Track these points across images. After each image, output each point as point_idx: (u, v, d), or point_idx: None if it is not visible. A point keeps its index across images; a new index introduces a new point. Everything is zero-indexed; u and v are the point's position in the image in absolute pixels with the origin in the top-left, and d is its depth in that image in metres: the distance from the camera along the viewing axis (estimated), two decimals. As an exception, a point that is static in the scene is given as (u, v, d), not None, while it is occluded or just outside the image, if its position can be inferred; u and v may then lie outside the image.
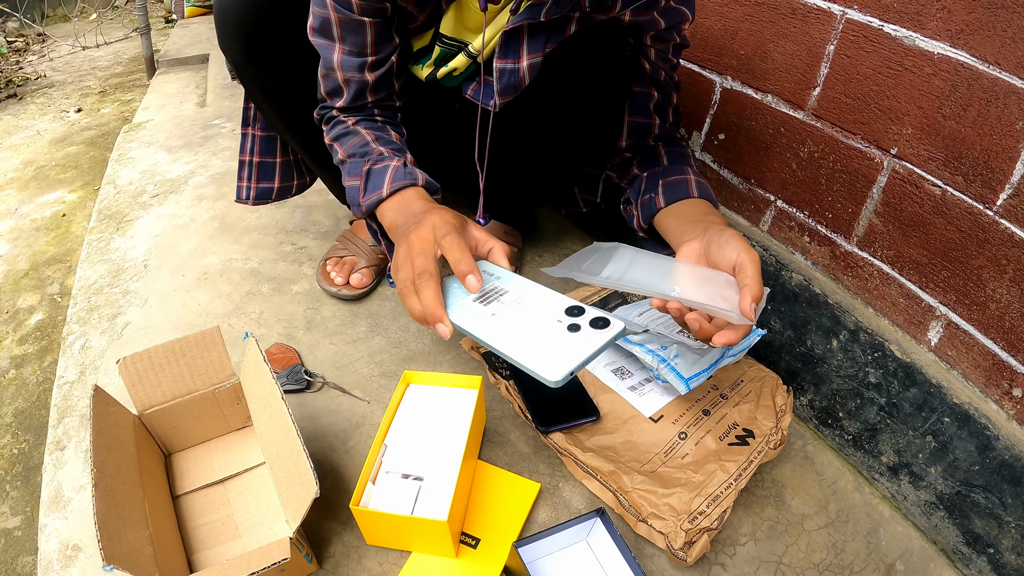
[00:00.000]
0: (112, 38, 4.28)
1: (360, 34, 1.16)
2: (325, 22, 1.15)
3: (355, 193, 1.18)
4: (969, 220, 1.12)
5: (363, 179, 1.17)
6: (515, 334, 0.88)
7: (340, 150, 1.23)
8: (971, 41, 1.06)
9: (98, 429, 0.99)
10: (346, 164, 1.22)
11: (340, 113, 1.26)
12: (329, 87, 1.23)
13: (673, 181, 1.24)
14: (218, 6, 1.29)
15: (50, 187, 2.73)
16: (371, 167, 1.17)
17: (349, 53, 1.18)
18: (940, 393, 1.18)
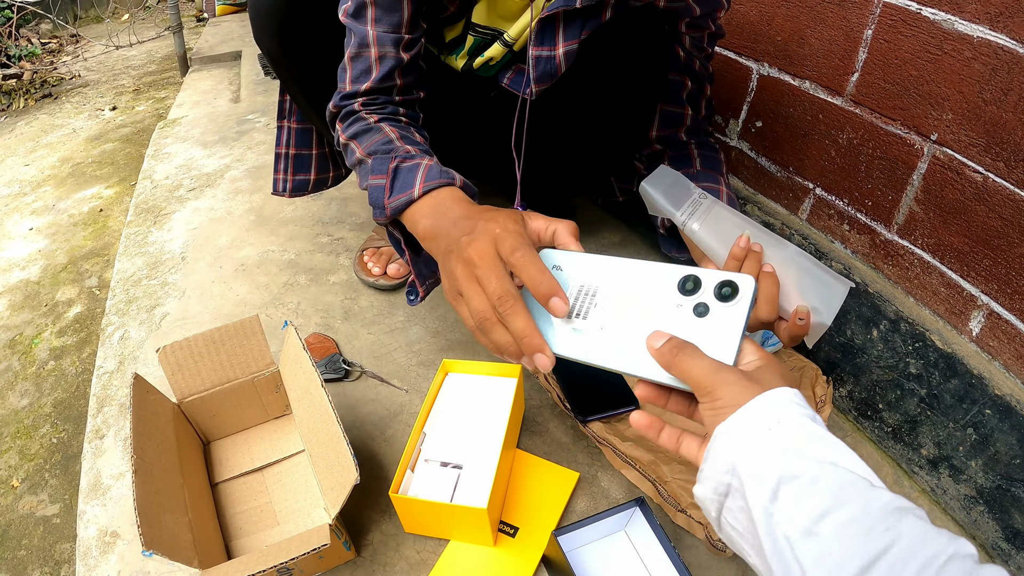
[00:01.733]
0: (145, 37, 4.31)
1: (396, 12, 1.14)
2: (361, 4, 1.14)
3: (379, 194, 1.05)
4: (1011, 207, 1.09)
5: (389, 177, 1.05)
6: (637, 347, 0.72)
7: (358, 148, 1.14)
8: (1011, 24, 1.03)
9: (138, 416, 0.99)
10: (365, 164, 1.11)
11: (362, 107, 1.19)
12: (358, 69, 1.18)
13: (705, 188, 1.21)
14: (252, 1, 1.30)
15: (87, 183, 2.76)
16: (399, 164, 1.06)
17: (385, 31, 1.15)
18: (982, 384, 1.15)
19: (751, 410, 0.59)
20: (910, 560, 0.47)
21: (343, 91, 1.20)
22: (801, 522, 0.52)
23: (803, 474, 0.55)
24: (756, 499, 0.56)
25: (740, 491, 0.57)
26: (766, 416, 0.58)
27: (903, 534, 0.49)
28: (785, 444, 0.57)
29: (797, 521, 0.52)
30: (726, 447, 0.59)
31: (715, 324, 0.69)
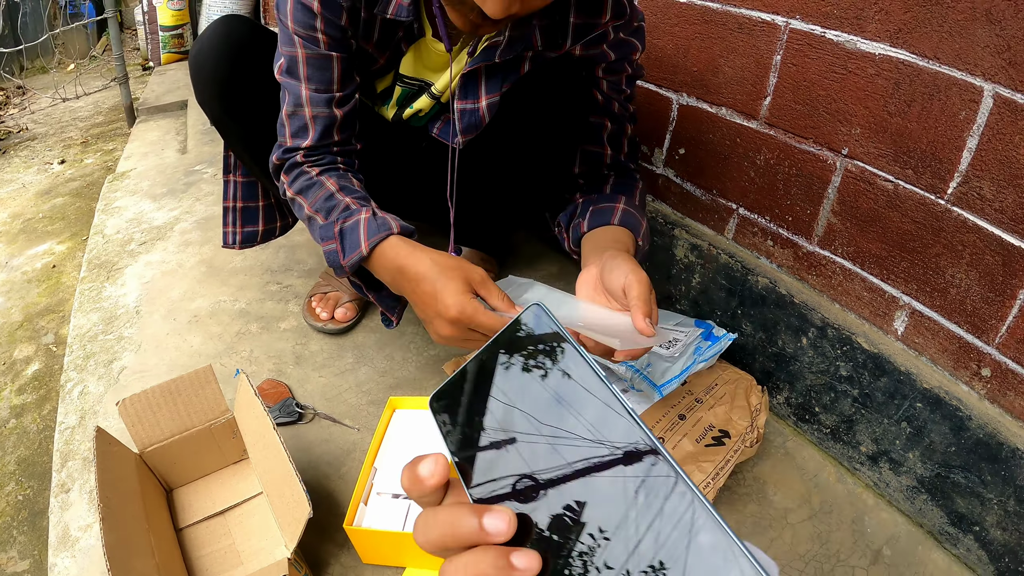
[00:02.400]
0: (91, 88, 4.32)
1: (327, 70, 1.22)
2: (293, 61, 1.22)
3: (335, 256, 1.19)
4: (923, 211, 1.19)
5: (338, 241, 1.18)
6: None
7: (305, 205, 1.25)
8: (910, 39, 1.13)
9: (102, 467, 1.04)
10: (314, 221, 1.23)
11: (304, 159, 1.28)
12: (296, 126, 1.26)
13: (601, 208, 1.29)
14: (193, 62, 1.36)
15: (39, 239, 2.78)
16: (342, 227, 1.18)
17: (316, 90, 1.23)
18: (910, 380, 1.24)
19: None
20: None
21: (284, 145, 1.28)
22: None
23: None
24: None
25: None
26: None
27: None
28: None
29: None
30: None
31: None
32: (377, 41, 1.27)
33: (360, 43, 1.26)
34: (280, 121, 1.28)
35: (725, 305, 1.56)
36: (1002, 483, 1.14)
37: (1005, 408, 1.16)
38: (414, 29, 1.25)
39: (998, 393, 1.17)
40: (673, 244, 1.65)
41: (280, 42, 1.23)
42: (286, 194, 1.30)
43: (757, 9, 1.34)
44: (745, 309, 1.51)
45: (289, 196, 1.29)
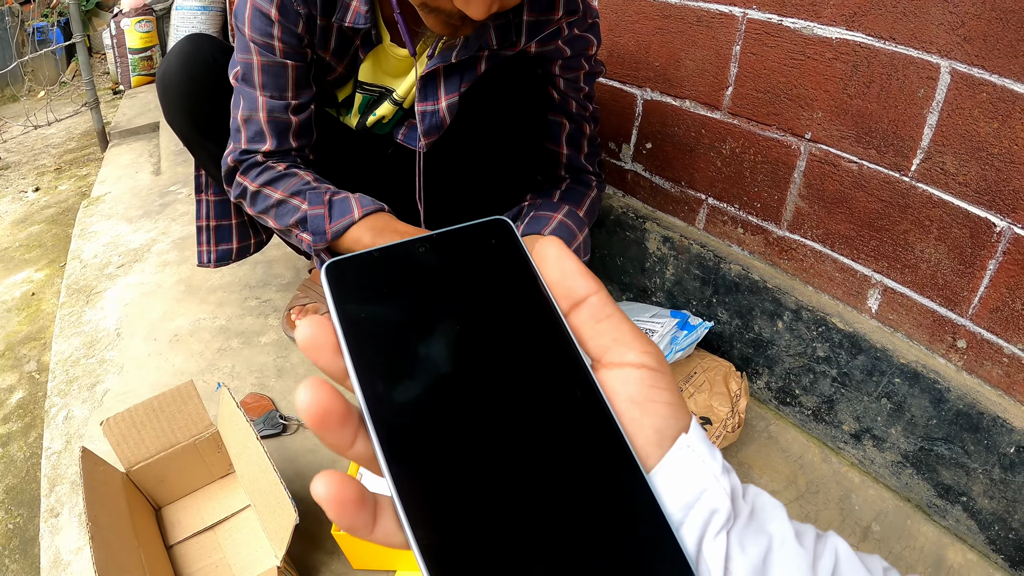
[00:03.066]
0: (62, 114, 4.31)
1: (282, 77, 1.23)
2: (248, 68, 1.23)
3: (319, 221, 1.20)
4: (888, 189, 1.21)
5: (327, 207, 1.20)
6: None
7: (276, 191, 1.25)
8: (865, 21, 1.15)
9: (89, 487, 1.04)
10: (287, 203, 1.24)
11: (265, 159, 1.28)
12: (252, 132, 1.27)
13: (539, 216, 1.31)
14: (161, 82, 1.36)
15: (16, 268, 2.77)
16: (332, 196, 1.21)
17: (272, 96, 1.24)
18: (887, 356, 1.26)
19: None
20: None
21: (240, 147, 1.28)
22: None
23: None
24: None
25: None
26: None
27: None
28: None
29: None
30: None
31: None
32: (334, 49, 1.28)
33: (317, 51, 1.27)
34: (235, 126, 1.28)
35: (700, 294, 1.57)
36: (985, 452, 1.16)
37: (983, 378, 1.18)
38: (372, 36, 1.26)
39: (975, 364, 1.19)
40: (645, 237, 1.66)
41: (236, 49, 1.24)
42: (246, 191, 1.28)
43: (714, 2, 1.35)
44: (720, 297, 1.52)
45: (252, 189, 1.27)
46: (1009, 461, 1.14)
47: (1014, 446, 1.13)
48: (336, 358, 0.35)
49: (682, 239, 1.58)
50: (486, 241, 0.39)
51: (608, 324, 0.38)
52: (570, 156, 1.40)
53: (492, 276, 0.38)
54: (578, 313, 0.38)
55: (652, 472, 0.35)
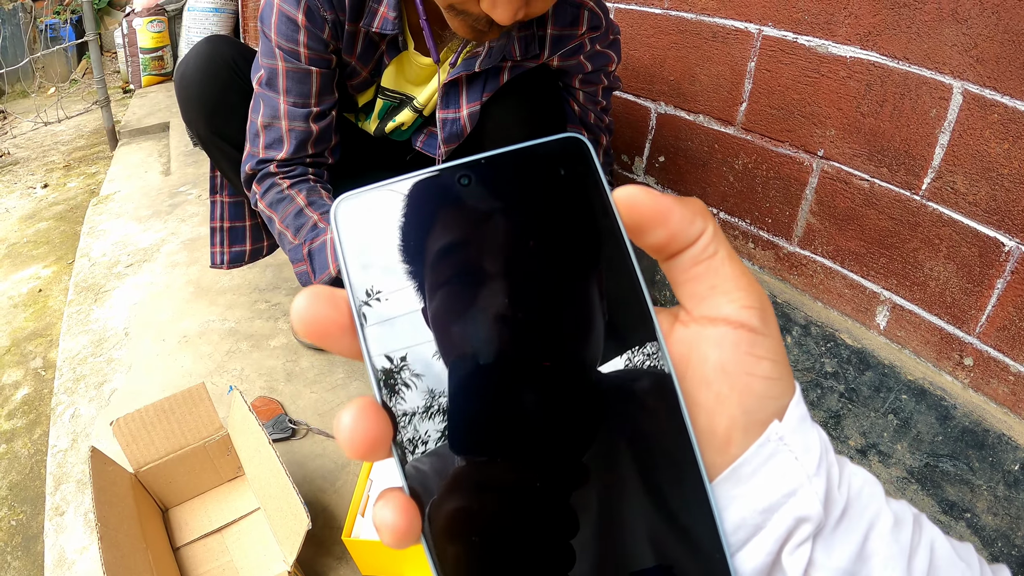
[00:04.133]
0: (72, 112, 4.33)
1: (306, 84, 1.24)
2: (273, 73, 1.23)
3: (306, 278, 1.21)
4: (899, 207, 1.21)
5: (307, 263, 1.20)
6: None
7: (276, 218, 1.26)
8: (879, 41, 1.16)
9: (98, 487, 1.05)
10: (284, 237, 1.25)
11: (277, 170, 1.29)
12: (271, 138, 1.27)
13: None
14: (179, 84, 1.37)
15: (24, 264, 2.77)
16: (310, 248, 1.20)
17: (294, 104, 1.25)
18: (895, 373, 1.26)
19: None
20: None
21: (257, 156, 1.29)
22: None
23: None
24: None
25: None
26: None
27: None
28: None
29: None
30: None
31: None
32: (360, 54, 1.29)
33: (343, 56, 1.28)
34: (253, 131, 1.29)
35: (710, 307, 1.57)
36: (990, 469, 1.16)
37: (989, 395, 1.18)
38: (398, 42, 1.27)
39: (981, 381, 1.19)
40: (656, 250, 1.66)
41: (261, 54, 1.25)
42: (258, 204, 1.31)
43: (730, 18, 1.36)
44: (730, 311, 1.52)
45: (261, 208, 1.30)
46: (1014, 478, 1.14)
47: (1019, 463, 1.13)
48: (345, 339, 0.30)
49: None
50: (549, 170, 0.32)
51: (708, 266, 0.31)
52: None
53: (549, 219, 0.31)
54: (679, 258, 0.32)
55: (730, 469, 0.30)
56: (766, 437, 0.30)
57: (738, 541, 0.30)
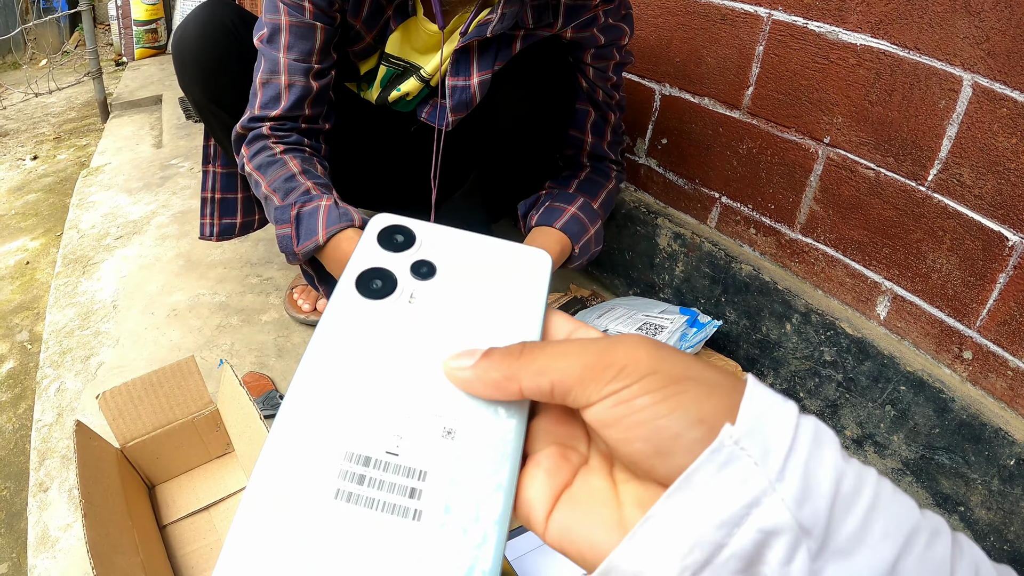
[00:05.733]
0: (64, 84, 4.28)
1: (309, 40, 1.21)
2: (276, 28, 1.21)
3: (287, 242, 1.16)
4: (904, 197, 1.20)
5: (293, 225, 1.15)
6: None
7: (264, 181, 1.21)
8: (890, 30, 1.15)
9: (83, 462, 1.03)
10: (270, 201, 1.19)
11: (271, 132, 1.24)
12: (268, 95, 1.24)
13: (554, 207, 1.30)
14: (176, 48, 1.34)
15: (11, 236, 2.75)
16: (299, 211, 1.14)
17: (296, 59, 1.22)
18: (894, 364, 1.26)
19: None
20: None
21: (252, 114, 1.25)
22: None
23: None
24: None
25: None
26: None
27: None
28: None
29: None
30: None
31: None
32: (366, 17, 1.27)
33: (348, 18, 1.26)
34: (252, 90, 1.26)
35: (709, 293, 1.56)
36: (985, 463, 1.16)
37: (987, 390, 1.18)
38: (407, 7, 1.25)
39: (980, 375, 1.18)
40: (656, 233, 1.65)
41: (264, 10, 1.22)
42: (244, 168, 1.26)
43: (740, 1, 1.34)
44: (729, 296, 1.52)
45: (247, 170, 1.25)
46: (1008, 473, 1.14)
47: (1014, 458, 1.13)
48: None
49: (693, 236, 1.57)
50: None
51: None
52: (593, 144, 1.39)
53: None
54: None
55: (681, 478, 0.28)
56: (719, 442, 0.28)
57: (696, 561, 0.27)
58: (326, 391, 0.34)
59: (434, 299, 0.38)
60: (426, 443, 0.33)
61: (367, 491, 0.31)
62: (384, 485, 0.32)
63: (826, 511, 0.27)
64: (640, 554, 0.29)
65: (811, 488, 0.27)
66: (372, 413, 0.33)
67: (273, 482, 0.31)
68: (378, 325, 0.36)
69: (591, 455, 0.36)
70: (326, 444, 0.32)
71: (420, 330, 0.36)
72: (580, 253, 1.29)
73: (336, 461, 0.32)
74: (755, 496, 0.27)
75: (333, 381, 0.34)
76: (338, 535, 0.30)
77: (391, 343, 0.36)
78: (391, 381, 0.34)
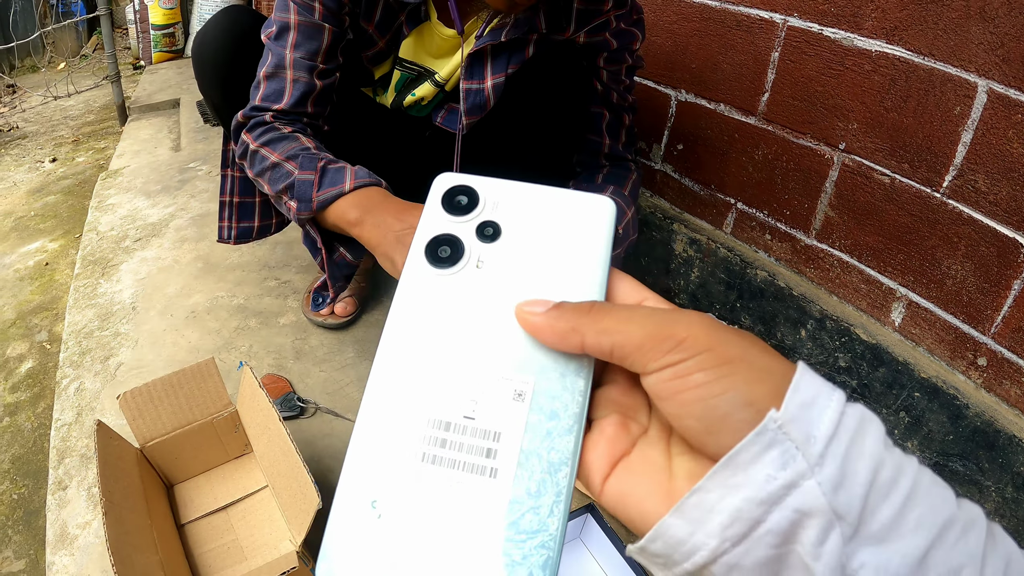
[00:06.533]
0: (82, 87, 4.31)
1: (317, 40, 1.22)
2: (285, 26, 1.22)
3: (307, 188, 1.11)
4: (919, 203, 1.21)
5: (318, 174, 1.12)
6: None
7: (272, 154, 1.18)
8: (905, 36, 1.15)
9: (104, 461, 1.04)
10: (281, 167, 1.16)
11: (273, 119, 1.24)
12: (272, 88, 1.24)
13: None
14: (196, 53, 1.36)
15: (31, 237, 2.77)
16: (326, 164, 1.13)
17: (302, 57, 1.23)
18: (908, 370, 1.26)
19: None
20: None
21: (253, 104, 1.25)
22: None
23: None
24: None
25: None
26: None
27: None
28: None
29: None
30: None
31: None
32: (378, 22, 1.28)
33: (361, 22, 1.27)
34: (255, 83, 1.26)
35: (724, 298, 1.57)
36: (1000, 470, 1.16)
37: (1001, 396, 1.18)
38: (420, 12, 1.26)
39: (994, 382, 1.18)
40: (672, 239, 1.66)
41: (276, 8, 1.24)
42: (247, 149, 1.23)
43: (755, 7, 1.35)
44: (744, 302, 1.52)
45: (252, 148, 1.22)
46: (1023, 480, 1.14)
47: (1029, 466, 1.13)
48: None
49: (709, 242, 1.58)
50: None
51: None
52: (610, 145, 1.40)
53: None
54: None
55: (727, 456, 0.30)
56: (764, 426, 0.30)
57: (735, 534, 0.30)
58: (407, 363, 0.37)
59: (500, 262, 0.40)
60: (499, 406, 0.36)
61: (449, 453, 0.36)
62: (463, 447, 0.36)
63: (861, 498, 0.29)
64: (684, 524, 0.31)
65: (848, 475, 0.29)
66: (449, 380, 0.37)
67: (369, 450, 0.36)
68: (448, 294, 0.39)
69: (651, 426, 0.38)
70: (411, 412, 0.36)
71: (488, 296, 0.39)
72: (623, 235, 1.29)
73: (420, 427, 0.36)
74: (793, 479, 0.29)
75: (412, 352, 0.38)
76: (425, 494, 0.35)
77: (462, 311, 0.39)
78: (464, 348, 0.37)
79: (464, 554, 0.34)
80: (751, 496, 0.30)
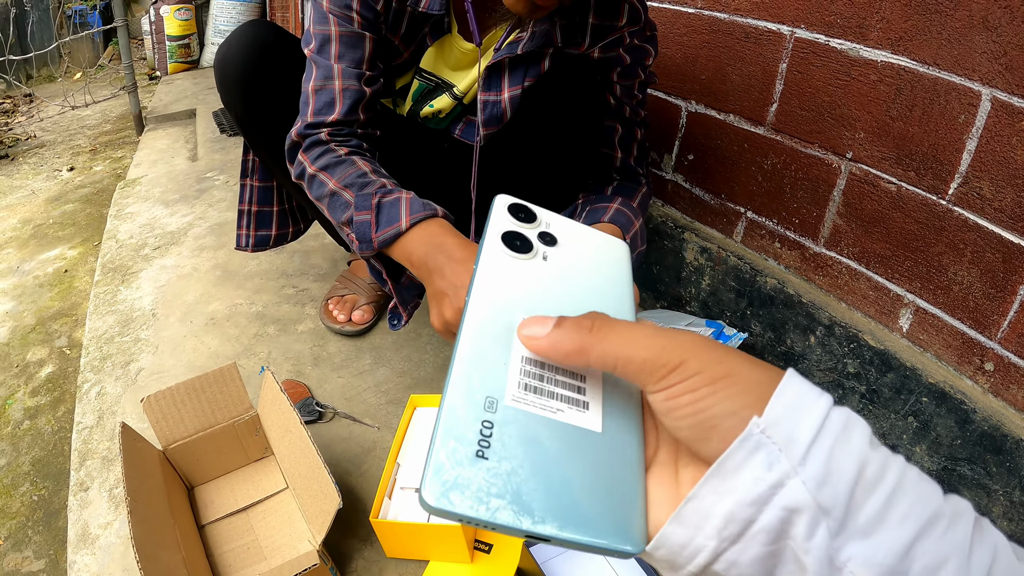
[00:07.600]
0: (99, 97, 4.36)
1: (359, 48, 1.25)
2: (325, 39, 1.24)
3: (365, 229, 1.12)
4: (925, 211, 1.22)
5: (373, 212, 1.12)
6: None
7: (330, 180, 1.20)
8: (910, 46, 1.17)
9: (128, 461, 1.07)
10: (339, 196, 1.18)
11: (330, 138, 1.25)
12: (322, 101, 1.25)
13: (596, 207, 1.31)
14: (219, 66, 1.39)
15: (50, 244, 2.81)
16: (380, 200, 1.12)
17: (348, 66, 1.25)
18: (916, 375, 1.27)
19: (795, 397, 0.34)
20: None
21: (307, 121, 1.26)
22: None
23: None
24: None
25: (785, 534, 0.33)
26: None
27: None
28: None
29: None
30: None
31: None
32: (404, 34, 1.30)
33: (387, 34, 1.29)
34: (304, 97, 1.27)
35: (734, 306, 1.59)
36: (1007, 474, 1.17)
37: (1008, 401, 1.19)
38: (443, 24, 1.29)
39: (1001, 387, 1.20)
40: (683, 247, 1.68)
41: (313, 22, 1.25)
42: (305, 172, 1.24)
43: (763, 19, 1.37)
44: (754, 309, 1.54)
45: (310, 172, 1.23)
46: (1031, 484, 1.15)
47: (1036, 470, 1.14)
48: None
49: (719, 250, 1.60)
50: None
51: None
52: (622, 159, 1.41)
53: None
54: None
55: (715, 464, 0.33)
56: (747, 432, 0.33)
57: (731, 534, 0.33)
58: (496, 318, 0.43)
59: (561, 261, 0.48)
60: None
61: (545, 385, 0.41)
62: (557, 382, 0.41)
63: (846, 494, 0.31)
64: (683, 530, 0.35)
65: (832, 472, 0.32)
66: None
67: (471, 380, 0.40)
68: (524, 273, 0.47)
69: (661, 437, 0.42)
70: (507, 351, 0.42)
71: (557, 279, 0.47)
72: (635, 244, 1.30)
73: (518, 363, 0.41)
74: (779, 479, 0.32)
75: (498, 311, 0.44)
76: (529, 419, 0.39)
77: (536, 287, 0.46)
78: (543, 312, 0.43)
79: (576, 474, 0.38)
80: (741, 498, 0.32)
